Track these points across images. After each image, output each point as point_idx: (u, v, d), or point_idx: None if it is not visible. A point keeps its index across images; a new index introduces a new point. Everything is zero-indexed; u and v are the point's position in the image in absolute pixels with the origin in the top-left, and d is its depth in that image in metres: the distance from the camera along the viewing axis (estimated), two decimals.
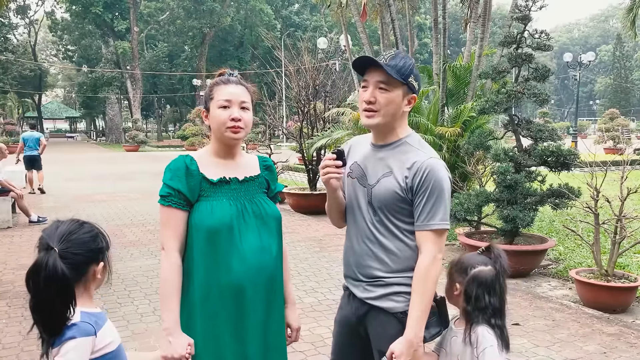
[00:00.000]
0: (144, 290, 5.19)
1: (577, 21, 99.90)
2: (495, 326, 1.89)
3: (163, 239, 1.87)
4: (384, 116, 1.88)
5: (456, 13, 49.51)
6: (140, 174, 17.04)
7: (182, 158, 1.92)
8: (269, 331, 1.94)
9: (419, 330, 1.82)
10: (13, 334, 4.12)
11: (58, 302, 1.46)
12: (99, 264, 1.60)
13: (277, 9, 48.78)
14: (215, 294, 1.85)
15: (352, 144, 2.13)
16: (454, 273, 2.00)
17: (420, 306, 1.82)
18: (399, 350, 1.81)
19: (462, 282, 1.95)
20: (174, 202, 1.86)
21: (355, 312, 2.00)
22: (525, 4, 6.31)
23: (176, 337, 1.81)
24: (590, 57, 29.61)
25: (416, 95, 1.93)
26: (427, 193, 1.84)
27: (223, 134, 1.91)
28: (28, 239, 7.48)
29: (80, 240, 1.55)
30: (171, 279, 1.84)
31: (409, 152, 1.91)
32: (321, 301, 4.88)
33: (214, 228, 1.84)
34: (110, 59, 42.62)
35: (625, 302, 4.75)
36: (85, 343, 1.50)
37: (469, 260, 1.98)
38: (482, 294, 1.90)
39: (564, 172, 5.95)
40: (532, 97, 5.88)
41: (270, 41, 15.76)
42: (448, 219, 1.88)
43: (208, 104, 1.96)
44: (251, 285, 1.87)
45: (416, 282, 1.85)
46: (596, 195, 4.93)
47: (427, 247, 1.85)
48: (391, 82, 1.85)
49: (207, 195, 1.90)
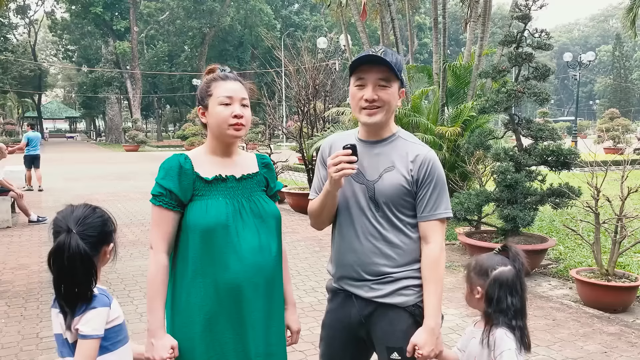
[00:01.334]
0: (143, 290, 5.17)
1: (577, 21, 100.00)
2: (516, 328, 1.87)
3: (152, 238, 1.86)
4: (387, 112, 1.91)
5: (456, 13, 49.51)
6: (140, 174, 17.03)
7: (177, 157, 1.88)
8: (270, 332, 1.91)
9: (438, 318, 1.86)
10: (12, 334, 4.11)
11: (82, 278, 1.62)
12: (109, 245, 1.76)
13: (277, 8, 48.77)
14: (214, 295, 1.80)
15: (332, 142, 2.08)
16: (474, 276, 1.95)
17: (435, 294, 1.87)
18: (423, 340, 1.82)
19: (484, 285, 1.91)
20: (164, 202, 1.83)
21: (358, 313, 1.96)
22: (525, 3, 6.30)
23: (159, 339, 1.78)
24: (590, 57, 29.60)
25: (404, 90, 1.96)
26: (432, 184, 1.90)
27: (225, 132, 1.86)
28: (27, 239, 7.48)
29: (94, 224, 1.70)
30: (156, 280, 1.81)
31: (407, 146, 1.95)
32: (321, 301, 4.87)
33: (209, 227, 1.79)
34: (110, 59, 42.61)
35: (625, 301, 4.75)
36: (104, 312, 1.66)
37: (488, 261, 1.94)
38: (504, 295, 1.87)
39: (564, 172, 5.95)
40: (532, 97, 5.88)
41: (270, 41, 15.75)
42: (450, 207, 1.95)
43: (206, 100, 1.89)
44: (250, 285, 1.83)
45: (428, 271, 1.88)
46: (596, 194, 4.92)
47: (435, 236, 1.90)
48: (390, 78, 1.88)
49: (202, 194, 1.85)
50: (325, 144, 2.11)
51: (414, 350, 1.83)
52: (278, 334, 1.95)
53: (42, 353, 3.77)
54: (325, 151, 2.09)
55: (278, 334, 1.95)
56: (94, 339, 1.61)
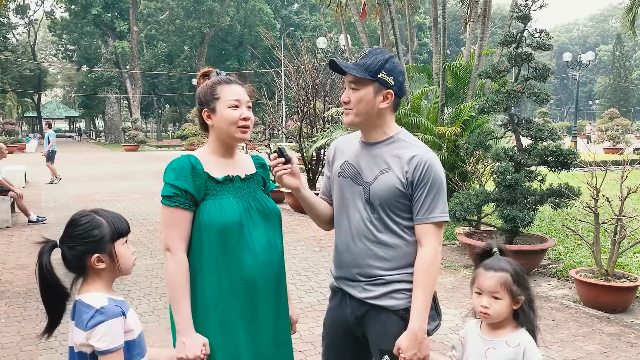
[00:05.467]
0: (143, 290, 5.18)
1: (576, 21, 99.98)
2: (535, 328, 1.86)
3: (168, 240, 1.85)
4: (357, 114, 1.91)
5: (456, 13, 49.47)
6: (139, 174, 17.03)
7: (187, 157, 1.90)
8: (278, 326, 1.99)
9: (423, 323, 1.83)
10: (12, 334, 4.11)
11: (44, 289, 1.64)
12: (93, 254, 1.63)
13: (277, 8, 48.76)
14: (228, 292, 1.86)
15: (337, 144, 2.12)
16: (517, 289, 1.82)
17: (423, 299, 1.84)
18: (405, 345, 1.82)
19: (524, 294, 1.84)
20: (180, 203, 1.84)
21: (352, 313, 1.98)
22: (525, 3, 6.31)
23: (189, 337, 1.80)
24: (590, 57, 29.59)
25: (392, 91, 1.89)
26: (427, 186, 1.87)
27: (233, 134, 1.91)
28: (27, 239, 7.47)
29: (74, 233, 1.63)
30: (180, 280, 1.83)
31: (405, 147, 1.93)
32: (321, 301, 4.87)
33: (226, 226, 1.85)
34: (109, 58, 42.57)
35: (625, 301, 4.75)
36: (116, 323, 1.58)
37: (519, 269, 1.86)
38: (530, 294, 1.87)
39: (564, 172, 5.95)
40: (532, 97, 5.88)
41: (270, 41, 15.73)
42: (447, 211, 1.91)
43: (212, 104, 1.92)
44: (262, 280, 1.91)
45: (419, 275, 1.86)
46: (596, 194, 4.92)
47: (429, 240, 1.87)
48: (359, 81, 1.88)
49: (214, 194, 1.89)
50: (331, 146, 2.15)
51: (399, 353, 1.83)
52: (284, 325, 2.04)
53: (42, 353, 3.77)
54: (330, 154, 2.13)
55: (284, 325, 2.04)
56: (115, 352, 1.56)
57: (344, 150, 2.05)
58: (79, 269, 1.65)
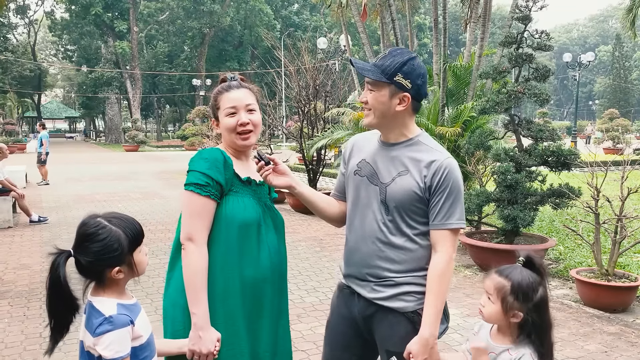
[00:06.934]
0: (145, 289, 5.19)
1: (576, 21, 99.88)
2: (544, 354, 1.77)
3: (193, 229, 1.82)
4: (375, 116, 1.90)
5: (456, 13, 49.49)
6: (140, 174, 17.04)
7: (218, 150, 1.92)
8: (279, 324, 2.02)
9: (435, 329, 1.83)
10: (15, 333, 4.13)
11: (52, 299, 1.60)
12: (114, 268, 1.61)
13: (277, 9, 48.75)
14: (238, 289, 1.87)
15: (355, 141, 2.10)
16: (513, 301, 1.75)
17: (435, 305, 1.83)
18: (416, 350, 1.81)
19: (524, 310, 1.75)
20: (212, 193, 1.84)
21: (360, 312, 1.97)
22: (526, 4, 6.32)
23: (206, 331, 1.80)
24: (590, 57, 29.63)
25: (408, 94, 1.85)
26: (446, 192, 1.84)
27: (235, 141, 1.96)
28: (29, 239, 7.49)
29: (92, 250, 1.60)
30: (203, 271, 1.81)
31: (425, 150, 1.89)
32: (322, 300, 4.88)
33: (248, 222, 1.88)
34: (109, 59, 42.58)
35: (625, 301, 4.77)
36: (124, 332, 1.57)
37: (527, 284, 1.76)
38: (542, 317, 1.78)
39: (564, 172, 5.96)
40: (532, 97, 5.89)
41: (270, 41, 15.75)
42: (464, 218, 1.89)
43: (216, 113, 1.99)
44: (270, 282, 1.94)
45: (432, 281, 1.84)
46: (596, 195, 4.94)
47: (444, 246, 1.85)
48: (375, 83, 1.87)
49: (237, 191, 1.92)
50: (349, 142, 2.13)
51: (409, 357, 1.84)
52: (284, 326, 2.07)
53: None
54: (347, 151, 2.11)
55: (284, 327, 2.07)
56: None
57: (362, 148, 2.03)
58: (96, 277, 1.64)
